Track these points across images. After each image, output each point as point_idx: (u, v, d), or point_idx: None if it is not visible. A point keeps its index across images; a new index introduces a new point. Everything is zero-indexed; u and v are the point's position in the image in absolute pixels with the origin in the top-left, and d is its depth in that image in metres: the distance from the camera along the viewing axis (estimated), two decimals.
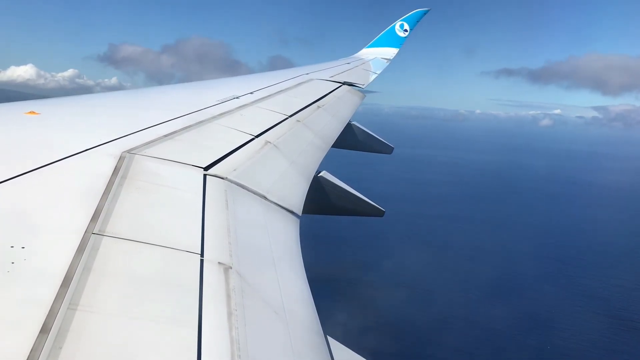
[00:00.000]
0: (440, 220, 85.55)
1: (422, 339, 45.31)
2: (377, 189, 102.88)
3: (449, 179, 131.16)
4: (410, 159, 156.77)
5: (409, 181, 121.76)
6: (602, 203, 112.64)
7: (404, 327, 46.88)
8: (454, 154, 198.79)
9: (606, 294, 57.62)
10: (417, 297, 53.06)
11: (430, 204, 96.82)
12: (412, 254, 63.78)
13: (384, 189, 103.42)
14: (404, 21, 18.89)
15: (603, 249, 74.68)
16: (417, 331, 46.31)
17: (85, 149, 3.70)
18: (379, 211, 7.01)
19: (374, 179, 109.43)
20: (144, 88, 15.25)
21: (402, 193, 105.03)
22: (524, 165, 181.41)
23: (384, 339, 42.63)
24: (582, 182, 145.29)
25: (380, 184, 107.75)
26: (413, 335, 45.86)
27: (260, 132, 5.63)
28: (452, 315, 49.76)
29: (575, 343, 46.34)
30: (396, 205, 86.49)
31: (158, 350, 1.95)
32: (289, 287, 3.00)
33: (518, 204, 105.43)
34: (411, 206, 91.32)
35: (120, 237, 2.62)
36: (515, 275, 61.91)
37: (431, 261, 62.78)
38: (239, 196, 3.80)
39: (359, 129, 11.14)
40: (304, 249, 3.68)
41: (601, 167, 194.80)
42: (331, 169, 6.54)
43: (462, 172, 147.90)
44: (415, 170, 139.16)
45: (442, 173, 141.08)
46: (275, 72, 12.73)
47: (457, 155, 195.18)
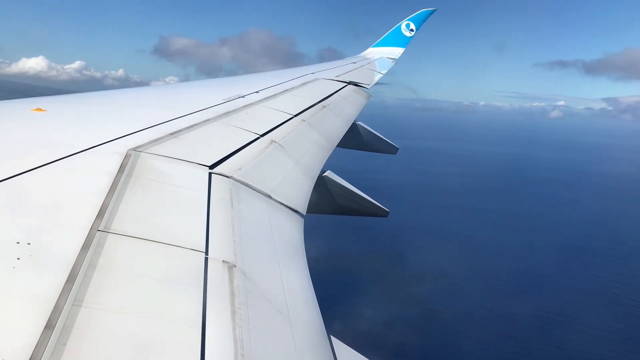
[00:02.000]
0: (459, 211, 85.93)
1: (447, 331, 45.52)
2: (394, 181, 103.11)
3: (462, 170, 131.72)
4: (421, 151, 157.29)
5: (424, 173, 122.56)
6: (617, 193, 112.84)
7: (428, 318, 47.16)
8: (464, 146, 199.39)
9: (630, 284, 57.81)
10: (441, 289, 53.35)
11: (447, 195, 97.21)
12: (435, 245, 64.07)
13: (400, 179, 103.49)
14: (410, 21, 18.86)
15: (624, 239, 75.10)
16: (441, 323, 46.50)
17: (91, 147, 3.71)
18: (384, 211, 7.00)
19: (389, 170, 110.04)
20: (149, 86, 15.29)
21: (417, 184, 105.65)
22: (535, 156, 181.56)
23: (408, 330, 42.97)
24: (597, 173, 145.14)
25: (396, 175, 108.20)
26: (437, 327, 46.07)
27: (265, 131, 5.64)
28: (475, 307, 49.93)
29: (595, 337, 46.33)
30: (413, 197, 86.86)
31: (162, 348, 1.95)
32: (293, 287, 3.00)
33: (534, 195, 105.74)
34: (428, 198, 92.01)
35: (126, 234, 2.63)
36: (536, 267, 62.32)
37: (454, 253, 63.15)
38: (243, 195, 3.81)
39: (364, 129, 11.14)
40: (307, 248, 3.68)
41: (613, 158, 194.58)
42: (338, 167, 6.55)
43: (474, 163, 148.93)
44: (427, 163, 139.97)
45: (455, 165, 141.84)
46: (281, 71, 12.73)
47: (468, 148, 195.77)
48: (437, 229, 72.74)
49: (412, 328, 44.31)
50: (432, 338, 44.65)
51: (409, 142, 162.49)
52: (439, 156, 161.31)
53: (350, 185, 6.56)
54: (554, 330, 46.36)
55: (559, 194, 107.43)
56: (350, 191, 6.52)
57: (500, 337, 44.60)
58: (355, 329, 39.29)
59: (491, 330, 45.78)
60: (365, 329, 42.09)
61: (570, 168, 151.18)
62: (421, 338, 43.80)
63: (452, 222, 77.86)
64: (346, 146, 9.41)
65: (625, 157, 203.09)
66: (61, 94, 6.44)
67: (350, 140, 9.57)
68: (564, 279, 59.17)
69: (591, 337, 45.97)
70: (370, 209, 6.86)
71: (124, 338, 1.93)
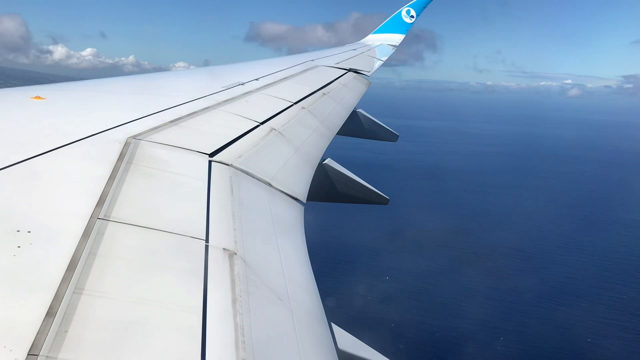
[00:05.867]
0: (494, 189, 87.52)
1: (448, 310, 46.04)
2: (422, 160, 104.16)
3: (486, 149, 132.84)
4: (440, 131, 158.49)
5: (451, 153, 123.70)
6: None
7: (426, 300, 47.61)
8: (481, 126, 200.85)
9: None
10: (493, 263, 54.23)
11: (478, 174, 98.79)
12: (480, 222, 64.89)
13: (427, 158, 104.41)
14: (411, 7, 18.70)
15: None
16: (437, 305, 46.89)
17: (91, 135, 3.70)
18: (384, 199, 7.00)
19: (416, 150, 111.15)
20: (149, 73, 15.21)
21: (445, 164, 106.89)
22: (554, 135, 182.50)
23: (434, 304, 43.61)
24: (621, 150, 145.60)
25: (423, 154, 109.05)
26: (433, 306, 46.60)
27: (265, 118, 5.61)
28: (477, 283, 50.51)
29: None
30: (444, 175, 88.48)
31: (163, 335, 1.96)
32: (293, 274, 3.01)
33: (564, 172, 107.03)
34: (463, 175, 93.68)
35: (126, 222, 2.63)
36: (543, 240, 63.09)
37: (501, 229, 65.94)
38: (244, 183, 3.81)
39: (365, 117, 11.09)
40: (307, 235, 3.69)
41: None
42: (338, 155, 6.54)
43: (496, 142, 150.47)
44: (454, 142, 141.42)
45: (478, 144, 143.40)
46: (281, 58, 12.67)
47: (485, 127, 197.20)
48: (477, 205, 75.70)
49: (408, 310, 45.12)
50: (429, 317, 45.51)
51: (424, 123, 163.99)
52: (458, 135, 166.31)
53: (351, 173, 6.55)
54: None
55: (590, 170, 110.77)
56: (350, 179, 6.51)
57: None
58: (354, 316, 39.73)
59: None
60: (360, 312, 42.80)
61: (595, 144, 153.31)
62: (419, 317, 44.70)
63: (491, 199, 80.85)
64: (346, 134, 9.38)
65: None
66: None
67: (351, 128, 9.54)
68: (574, 249, 60.22)
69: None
70: (371, 197, 6.86)
71: (125, 326, 1.94)
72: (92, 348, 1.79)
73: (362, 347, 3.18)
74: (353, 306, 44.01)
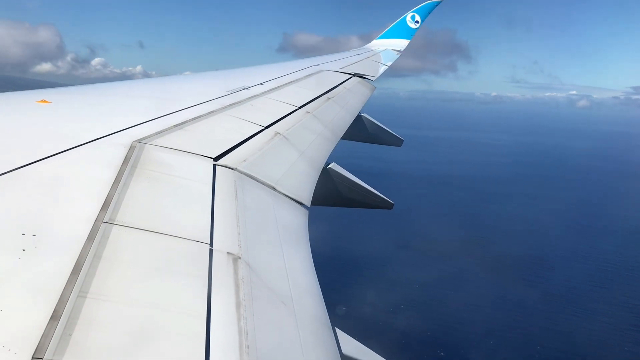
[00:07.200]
0: (509, 198, 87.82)
1: (454, 318, 46.02)
2: (434, 170, 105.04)
3: (497, 160, 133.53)
4: (451, 141, 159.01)
5: (463, 163, 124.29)
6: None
7: (433, 306, 47.56)
8: (491, 136, 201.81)
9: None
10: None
11: (492, 182, 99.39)
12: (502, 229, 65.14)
13: (440, 169, 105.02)
14: (416, 12, 18.71)
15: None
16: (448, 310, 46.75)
17: (96, 138, 3.71)
18: (388, 204, 6.98)
19: (430, 160, 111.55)
20: (153, 78, 15.26)
21: (460, 174, 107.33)
22: (565, 145, 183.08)
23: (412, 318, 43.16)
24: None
25: (438, 165, 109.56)
26: (443, 314, 46.55)
27: (270, 123, 5.62)
28: (479, 295, 50.65)
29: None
30: (460, 183, 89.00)
31: (167, 339, 1.96)
32: (297, 278, 3.00)
33: (574, 182, 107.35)
34: (476, 184, 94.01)
35: (130, 226, 2.63)
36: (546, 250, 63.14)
37: (522, 236, 66.70)
38: (248, 187, 3.81)
39: (369, 121, 11.08)
40: (312, 240, 3.68)
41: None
42: (343, 159, 6.54)
43: (506, 152, 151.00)
44: (466, 152, 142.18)
45: (488, 154, 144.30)
46: (286, 62, 12.68)
47: (495, 137, 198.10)
48: (497, 213, 76.06)
49: (415, 316, 45.05)
50: (437, 325, 45.47)
51: (434, 133, 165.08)
52: (471, 145, 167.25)
53: (355, 177, 6.54)
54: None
55: (603, 181, 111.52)
56: (354, 183, 6.50)
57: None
58: (359, 319, 39.62)
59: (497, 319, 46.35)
60: (368, 319, 42.64)
61: (606, 155, 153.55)
62: (425, 325, 44.65)
63: (506, 208, 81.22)
64: (351, 138, 9.37)
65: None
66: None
67: (355, 133, 9.53)
68: (577, 259, 60.17)
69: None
70: (375, 201, 6.84)
71: (129, 329, 1.94)
72: (96, 352, 1.79)
73: (366, 352, 3.17)
74: (362, 312, 43.89)
